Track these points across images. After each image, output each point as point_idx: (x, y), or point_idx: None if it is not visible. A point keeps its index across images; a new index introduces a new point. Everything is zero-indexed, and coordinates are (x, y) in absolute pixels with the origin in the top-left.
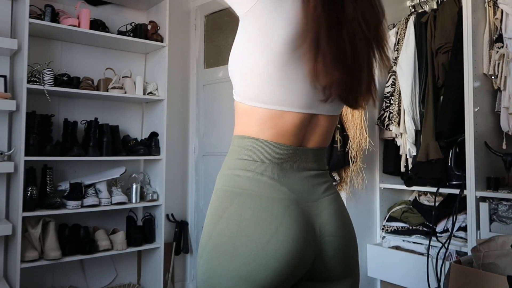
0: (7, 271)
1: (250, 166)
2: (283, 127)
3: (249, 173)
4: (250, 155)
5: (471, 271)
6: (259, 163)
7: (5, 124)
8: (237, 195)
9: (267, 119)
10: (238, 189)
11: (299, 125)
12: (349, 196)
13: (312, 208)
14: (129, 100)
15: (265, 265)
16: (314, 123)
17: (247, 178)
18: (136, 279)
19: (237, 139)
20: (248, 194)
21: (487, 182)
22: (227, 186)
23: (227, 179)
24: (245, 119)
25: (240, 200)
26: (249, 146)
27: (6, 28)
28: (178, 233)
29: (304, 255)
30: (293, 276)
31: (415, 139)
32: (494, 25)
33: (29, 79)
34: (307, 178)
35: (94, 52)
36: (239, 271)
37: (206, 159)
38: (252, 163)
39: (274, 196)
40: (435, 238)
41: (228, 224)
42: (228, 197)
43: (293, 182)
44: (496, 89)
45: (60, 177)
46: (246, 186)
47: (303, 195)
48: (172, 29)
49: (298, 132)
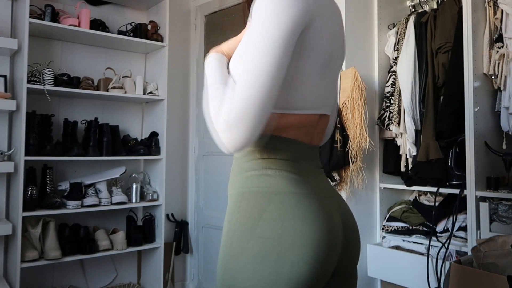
0: (7, 271)
1: (278, 165)
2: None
3: (279, 172)
4: (276, 154)
5: (471, 271)
6: (285, 161)
7: (5, 124)
8: (273, 195)
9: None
10: (272, 188)
11: (314, 124)
12: (349, 196)
13: (332, 203)
14: (129, 100)
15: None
16: (322, 121)
17: (279, 176)
18: (136, 279)
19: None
20: (285, 193)
21: (487, 182)
22: (256, 187)
23: (254, 180)
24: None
25: (278, 200)
26: (275, 145)
27: (6, 28)
28: (178, 233)
29: (337, 249)
30: (330, 271)
31: (415, 139)
32: (494, 25)
33: (29, 79)
34: (319, 174)
35: (94, 52)
36: (288, 273)
37: (206, 159)
38: (279, 162)
39: (307, 192)
40: (435, 238)
41: (270, 225)
42: (262, 197)
43: (313, 179)
44: (496, 89)
45: (60, 177)
46: (279, 185)
47: (322, 191)
48: (172, 29)
49: (310, 131)
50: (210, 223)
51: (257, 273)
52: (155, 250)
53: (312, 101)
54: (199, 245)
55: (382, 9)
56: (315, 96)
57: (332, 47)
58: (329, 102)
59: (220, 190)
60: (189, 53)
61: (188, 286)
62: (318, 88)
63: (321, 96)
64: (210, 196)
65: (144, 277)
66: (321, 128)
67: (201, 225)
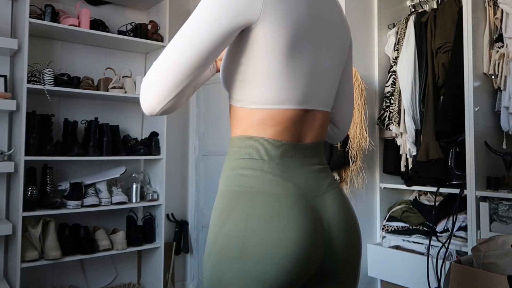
0: (7, 271)
1: (254, 165)
2: (283, 124)
3: (253, 171)
4: (252, 154)
5: (471, 271)
6: (262, 161)
7: (5, 124)
8: (243, 194)
9: (268, 118)
10: (244, 187)
11: (296, 121)
12: (349, 195)
13: (319, 203)
14: (129, 100)
15: (277, 264)
16: (309, 118)
17: (252, 176)
18: (136, 279)
19: (238, 140)
20: (255, 192)
21: (487, 182)
22: (231, 186)
23: (231, 179)
24: (246, 120)
25: (247, 199)
26: (250, 145)
27: (6, 28)
28: (178, 233)
29: (314, 252)
30: (304, 274)
31: (415, 138)
32: (494, 24)
33: (29, 79)
34: (310, 173)
35: (94, 52)
36: (249, 271)
37: (206, 158)
38: (255, 161)
39: (280, 192)
40: (435, 237)
41: (236, 224)
42: (234, 196)
43: (298, 177)
44: (496, 88)
45: (60, 177)
46: (251, 184)
47: (308, 190)
48: (172, 28)
49: (295, 128)
50: None
51: (221, 270)
52: (155, 250)
53: (282, 96)
54: (199, 245)
55: (382, 9)
56: (286, 90)
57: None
58: (318, 97)
59: None
60: None
61: (188, 286)
62: (287, 82)
63: (296, 90)
64: (210, 196)
65: (144, 277)
66: (313, 124)
67: (201, 225)
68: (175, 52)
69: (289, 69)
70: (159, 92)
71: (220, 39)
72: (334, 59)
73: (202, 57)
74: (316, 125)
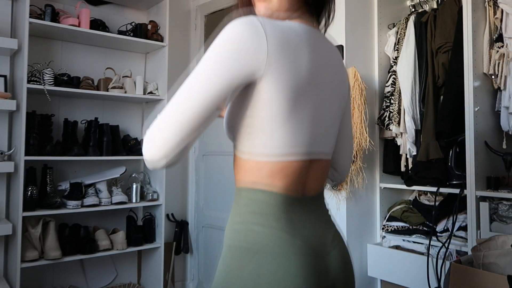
0: (7, 271)
1: (264, 220)
2: (291, 177)
3: (263, 228)
4: (262, 208)
5: (471, 271)
6: (272, 216)
7: (5, 124)
8: (254, 254)
9: (277, 171)
10: (254, 245)
11: (302, 173)
12: (349, 195)
13: (327, 261)
14: (129, 100)
15: None
16: (315, 168)
17: (262, 233)
18: (136, 278)
19: (247, 191)
20: (265, 252)
21: (487, 182)
22: (241, 242)
23: (241, 234)
24: (254, 172)
25: (257, 260)
26: (261, 199)
27: (6, 27)
28: (178, 233)
29: None
30: None
31: (415, 138)
32: (494, 24)
33: (29, 79)
34: (317, 228)
35: (94, 51)
36: None
37: (206, 159)
38: (265, 217)
39: (290, 252)
40: (435, 237)
41: (245, 285)
42: (244, 255)
43: (306, 233)
44: (496, 88)
45: (60, 177)
46: (262, 242)
47: (317, 248)
48: (172, 28)
49: (301, 180)
50: (210, 223)
51: None
52: (155, 250)
53: (289, 148)
54: (199, 245)
55: (382, 9)
56: (293, 142)
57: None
58: (322, 146)
59: (220, 190)
60: (189, 53)
61: (188, 286)
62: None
63: (302, 141)
64: (210, 196)
65: (144, 277)
66: (318, 174)
67: (201, 225)
68: (181, 108)
69: (294, 119)
70: (162, 148)
71: (225, 93)
72: (333, 105)
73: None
74: (320, 175)
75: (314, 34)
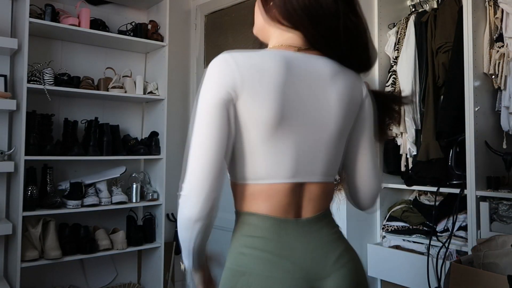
0: (7, 270)
1: (253, 243)
2: (275, 198)
3: (253, 251)
4: (252, 231)
5: (471, 271)
6: (261, 239)
7: (5, 124)
8: (241, 275)
9: (258, 193)
10: (242, 268)
11: (289, 194)
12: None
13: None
14: (129, 99)
15: None
16: (306, 191)
17: (250, 256)
18: (137, 278)
19: (239, 214)
20: (251, 274)
21: (487, 182)
22: (232, 265)
23: (233, 257)
24: (240, 195)
25: (244, 281)
26: (250, 221)
27: (7, 27)
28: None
29: None
30: None
31: (415, 138)
32: (494, 24)
33: (29, 79)
34: (313, 250)
35: (94, 51)
36: None
37: None
38: (255, 239)
39: (278, 275)
40: (435, 237)
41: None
42: (233, 276)
43: (298, 256)
44: (496, 88)
45: (60, 177)
46: (250, 265)
47: (312, 270)
48: (172, 28)
49: (290, 201)
50: None
51: None
52: (155, 249)
53: (268, 171)
54: None
55: (382, 8)
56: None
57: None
58: (312, 169)
59: None
60: (189, 52)
61: (188, 286)
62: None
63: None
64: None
65: (144, 276)
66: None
67: None
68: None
69: (274, 143)
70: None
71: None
72: (330, 126)
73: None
74: (315, 197)
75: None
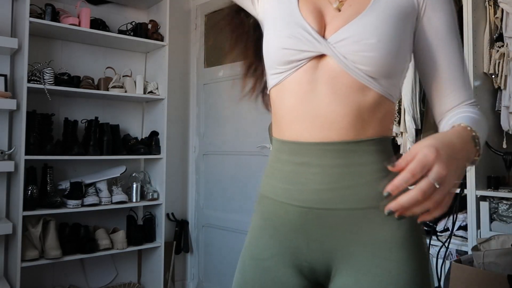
0: (7, 270)
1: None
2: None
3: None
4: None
5: (471, 270)
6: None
7: (6, 123)
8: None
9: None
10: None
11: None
12: None
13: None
14: (130, 99)
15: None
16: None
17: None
18: (137, 278)
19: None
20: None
21: (487, 181)
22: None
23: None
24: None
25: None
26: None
27: (7, 27)
28: (179, 232)
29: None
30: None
31: (415, 138)
32: (494, 24)
33: (29, 78)
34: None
35: (95, 51)
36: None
37: (207, 158)
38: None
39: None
40: (435, 237)
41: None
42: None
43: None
44: (496, 88)
45: (61, 176)
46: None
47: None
48: (173, 28)
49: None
50: (211, 223)
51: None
52: (156, 249)
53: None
54: (200, 244)
55: None
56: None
57: None
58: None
59: (220, 189)
60: (189, 52)
61: (188, 286)
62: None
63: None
64: (211, 195)
65: (144, 276)
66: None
67: (202, 225)
68: None
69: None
70: None
71: None
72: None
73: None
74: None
75: None
